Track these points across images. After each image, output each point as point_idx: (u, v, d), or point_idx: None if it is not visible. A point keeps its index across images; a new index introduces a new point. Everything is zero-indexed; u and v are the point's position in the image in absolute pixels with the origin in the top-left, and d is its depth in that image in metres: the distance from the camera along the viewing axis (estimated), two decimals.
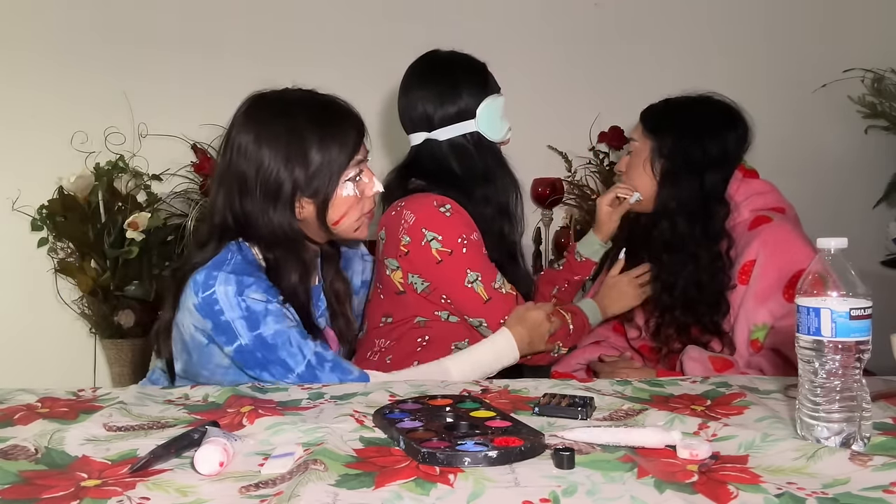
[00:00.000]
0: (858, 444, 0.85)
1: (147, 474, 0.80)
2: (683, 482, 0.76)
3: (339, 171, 1.31)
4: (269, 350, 1.24)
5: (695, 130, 1.54)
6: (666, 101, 1.60)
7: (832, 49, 2.65)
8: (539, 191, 2.55)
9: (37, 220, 2.44)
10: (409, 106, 1.58)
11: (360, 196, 1.35)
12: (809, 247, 1.44)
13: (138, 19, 2.53)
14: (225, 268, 1.25)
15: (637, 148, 1.61)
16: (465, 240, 1.46)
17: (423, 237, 1.45)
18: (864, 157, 2.68)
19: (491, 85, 1.58)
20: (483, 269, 1.47)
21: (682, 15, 2.68)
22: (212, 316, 1.24)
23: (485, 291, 1.46)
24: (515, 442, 0.84)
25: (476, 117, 1.54)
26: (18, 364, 2.49)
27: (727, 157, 1.54)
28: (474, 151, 1.55)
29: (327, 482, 0.76)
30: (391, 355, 1.52)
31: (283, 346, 1.25)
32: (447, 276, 1.46)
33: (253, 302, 1.23)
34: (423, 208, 1.47)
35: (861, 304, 0.85)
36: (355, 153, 1.33)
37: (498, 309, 1.47)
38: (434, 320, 1.51)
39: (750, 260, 1.46)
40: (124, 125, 2.48)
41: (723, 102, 1.57)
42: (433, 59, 1.60)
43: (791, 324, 1.39)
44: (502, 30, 2.62)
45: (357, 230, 1.37)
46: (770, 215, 1.51)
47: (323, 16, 2.59)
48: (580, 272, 1.75)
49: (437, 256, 1.45)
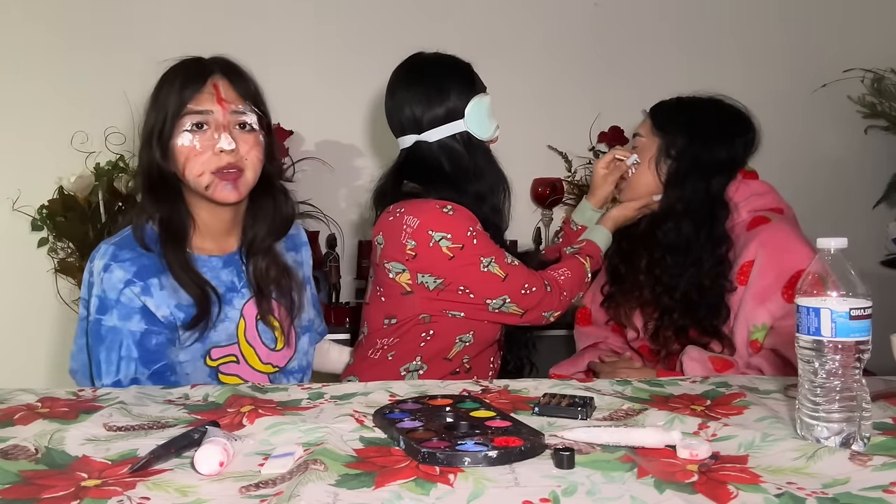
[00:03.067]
0: (858, 444, 0.85)
1: (147, 474, 0.80)
2: (683, 482, 0.76)
3: (173, 119, 1.28)
4: (96, 342, 1.27)
5: (706, 133, 1.54)
6: (678, 99, 1.60)
7: (832, 49, 2.65)
8: (539, 191, 2.55)
9: (37, 220, 2.44)
10: (397, 109, 1.58)
11: (201, 150, 1.28)
12: (808, 247, 1.44)
13: (138, 19, 2.54)
14: (113, 239, 1.31)
15: (643, 144, 1.60)
16: (473, 232, 1.48)
17: (431, 238, 1.46)
18: (864, 157, 2.68)
19: (477, 84, 1.58)
20: (494, 251, 1.50)
21: (681, 15, 2.68)
22: (86, 286, 1.31)
23: (501, 270, 1.48)
24: (515, 442, 0.84)
25: (465, 117, 1.54)
26: (18, 364, 2.49)
27: (735, 161, 1.55)
28: (464, 151, 1.55)
29: (327, 482, 0.76)
30: (394, 351, 1.53)
31: (107, 349, 1.26)
32: (462, 269, 1.47)
33: (112, 284, 1.26)
34: (427, 212, 1.48)
35: (861, 304, 0.85)
36: (186, 101, 1.28)
37: (516, 281, 1.49)
38: (440, 316, 1.52)
39: (748, 260, 1.46)
40: (124, 125, 2.48)
41: (734, 107, 1.58)
42: (418, 61, 1.60)
43: (790, 324, 1.39)
44: (502, 30, 2.62)
45: (209, 189, 1.29)
46: (768, 216, 1.51)
47: (323, 15, 2.60)
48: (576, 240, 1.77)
49: (449, 253, 1.46)
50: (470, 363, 1.57)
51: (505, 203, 1.61)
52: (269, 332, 1.40)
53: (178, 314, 1.30)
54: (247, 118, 1.32)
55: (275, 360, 1.41)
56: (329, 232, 2.47)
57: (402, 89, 1.58)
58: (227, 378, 1.35)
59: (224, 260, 1.38)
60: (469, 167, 1.55)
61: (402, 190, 1.56)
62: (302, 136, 2.56)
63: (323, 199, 2.48)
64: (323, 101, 2.57)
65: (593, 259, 1.61)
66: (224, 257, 1.38)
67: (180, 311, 1.30)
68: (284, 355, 1.43)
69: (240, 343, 1.37)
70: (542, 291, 1.51)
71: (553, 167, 2.58)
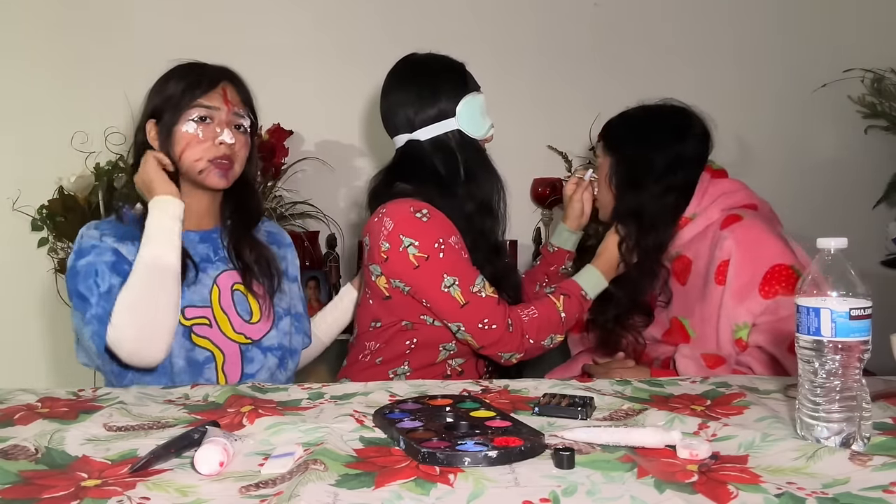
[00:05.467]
0: (858, 444, 0.85)
1: (147, 474, 0.80)
2: (683, 482, 0.76)
3: (181, 107, 1.42)
4: (72, 280, 1.35)
5: (645, 142, 1.54)
6: (621, 114, 1.62)
7: (832, 49, 2.65)
8: (539, 191, 2.55)
9: (37, 220, 2.44)
10: (390, 110, 1.59)
11: (203, 138, 1.42)
12: (781, 242, 1.46)
13: (138, 19, 2.54)
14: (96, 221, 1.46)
15: (600, 164, 1.63)
16: (442, 244, 1.45)
17: (401, 243, 1.45)
18: (864, 157, 2.67)
19: (470, 83, 1.58)
20: (461, 272, 1.46)
21: (682, 15, 2.68)
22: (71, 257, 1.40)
23: (462, 295, 1.44)
24: (515, 442, 0.84)
25: (456, 115, 1.54)
26: (18, 364, 2.49)
27: (682, 164, 1.54)
28: (457, 149, 1.55)
29: (327, 482, 0.76)
30: (381, 356, 1.54)
31: (84, 279, 1.34)
32: (424, 281, 1.46)
33: (89, 238, 1.39)
34: (401, 214, 1.47)
35: (861, 304, 0.85)
36: (198, 96, 1.43)
37: (475, 312, 1.45)
38: (420, 324, 1.51)
39: (724, 260, 1.47)
40: (124, 125, 2.47)
41: (676, 107, 1.57)
42: (410, 61, 1.61)
43: (770, 320, 1.42)
44: (502, 30, 2.62)
45: (202, 173, 1.43)
46: (740, 213, 1.51)
47: (323, 15, 2.60)
48: (555, 262, 1.76)
49: (415, 262, 1.45)
50: (462, 367, 1.56)
51: (500, 204, 1.59)
52: (246, 304, 1.47)
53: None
54: (243, 121, 1.47)
55: (248, 332, 1.46)
56: (329, 232, 2.47)
57: (395, 90, 1.59)
58: (199, 339, 1.40)
59: (201, 235, 1.49)
60: (461, 165, 1.55)
61: (393, 190, 1.55)
62: (302, 136, 2.55)
63: (323, 199, 2.48)
64: (323, 101, 2.57)
65: (570, 298, 1.53)
66: (201, 233, 1.49)
67: None
68: (260, 329, 1.47)
69: (213, 308, 1.44)
70: (502, 331, 1.45)
71: (553, 167, 2.58)
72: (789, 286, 1.41)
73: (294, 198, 2.45)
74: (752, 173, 1.97)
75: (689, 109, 1.58)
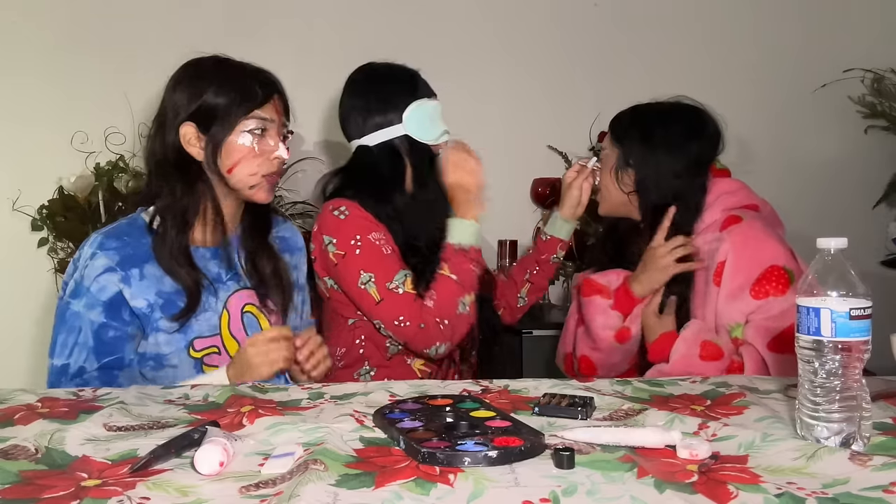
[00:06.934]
0: (858, 444, 0.85)
1: (147, 474, 0.80)
2: (683, 482, 0.76)
3: (236, 117, 1.35)
4: (59, 322, 1.31)
5: (663, 138, 1.54)
6: (633, 108, 1.61)
7: (832, 49, 2.65)
8: (539, 191, 2.55)
9: (37, 220, 2.44)
10: (344, 116, 1.65)
11: (259, 152, 1.37)
12: (778, 242, 1.46)
13: (139, 20, 2.54)
14: (104, 229, 1.35)
15: (605, 156, 1.63)
16: (359, 241, 1.47)
17: (323, 242, 1.50)
18: (864, 157, 2.68)
19: (420, 89, 1.61)
20: (378, 269, 1.47)
21: (681, 15, 2.68)
22: (70, 269, 1.33)
23: (377, 292, 1.46)
24: (515, 442, 0.84)
25: (404, 121, 1.57)
26: (18, 364, 2.49)
27: (700, 161, 1.55)
28: (404, 153, 1.58)
29: (327, 482, 0.76)
30: (344, 360, 1.57)
31: (66, 332, 1.30)
32: (343, 278, 1.49)
33: (92, 272, 1.29)
34: (323, 215, 1.53)
35: (861, 304, 0.85)
36: (255, 107, 1.36)
37: (390, 309, 1.46)
38: (360, 319, 1.54)
39: (721, 261, 1.47)
40: (124, 125, 2.48)
41: (692, 107, 1.57)
42: (364, 70, 1.67)
43: (760, 318, 1.43)
44: (502, 30, 2.62)
45: (252, 188, 1.38)
46: (741, 214, 1.51)
47: (323, 15, 2.60)
48: (546, 251, 1.77)
49: (334, 259, 1.49)
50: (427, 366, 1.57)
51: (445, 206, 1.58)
52: (256, 327, 1.42)
53: (157, 301, 1.33)
54: (288, 133, 1.45)
55: None
56: None
57: (348, 97, 1.64)
58: (209, 369, 1.36)
59: (212, 251, 1.41)
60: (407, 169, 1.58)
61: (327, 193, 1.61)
62: (302, 136, 2.56)
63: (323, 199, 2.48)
64: (323, 101, 2.57)
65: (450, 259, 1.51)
66: (212, 249, 1.41)
67: (160, 297, 1.33)
68: None
69: (222, 335, 1.38)
70: (415, 329, 1.47)
71: (553, 167, 2.58)
72: (780, 287, 1.42)
73: (294, 198, 2.45)
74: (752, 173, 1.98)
75: (703, 108, 1.58)
